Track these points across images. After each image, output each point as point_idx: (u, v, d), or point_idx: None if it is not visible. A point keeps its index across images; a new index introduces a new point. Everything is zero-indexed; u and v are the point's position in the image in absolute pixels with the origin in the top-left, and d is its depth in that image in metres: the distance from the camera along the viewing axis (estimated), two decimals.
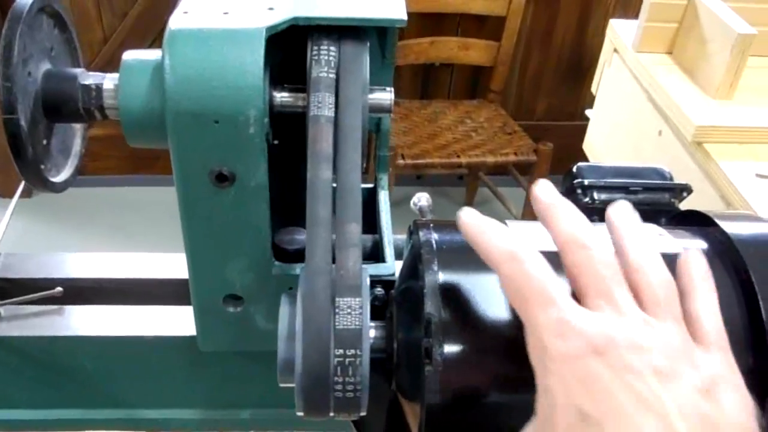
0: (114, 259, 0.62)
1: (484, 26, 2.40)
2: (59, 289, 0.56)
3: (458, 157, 2.17)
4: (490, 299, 0.37)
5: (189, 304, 0.50)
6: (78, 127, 0.53)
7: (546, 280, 0.32)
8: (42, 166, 0.46)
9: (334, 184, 0.42)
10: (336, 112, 0.43)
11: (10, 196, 0.63)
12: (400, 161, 2.12)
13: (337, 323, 0.37)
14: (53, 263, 0.61)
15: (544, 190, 0.36)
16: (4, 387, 0.57)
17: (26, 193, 0.54)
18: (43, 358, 0.55)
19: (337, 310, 0.38)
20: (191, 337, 0.53)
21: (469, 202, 2.67)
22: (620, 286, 0.33)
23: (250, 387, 0.58)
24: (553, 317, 0.31)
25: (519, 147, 2.22)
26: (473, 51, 2.36)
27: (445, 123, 2.34)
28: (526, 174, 2.31)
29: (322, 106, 0.43)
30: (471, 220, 0.36)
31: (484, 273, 0.37)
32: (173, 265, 0.61)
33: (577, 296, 0.34)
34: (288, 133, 0.49)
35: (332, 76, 0.43)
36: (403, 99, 2.44)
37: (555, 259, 0.35)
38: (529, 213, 2.26)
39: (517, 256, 0.33)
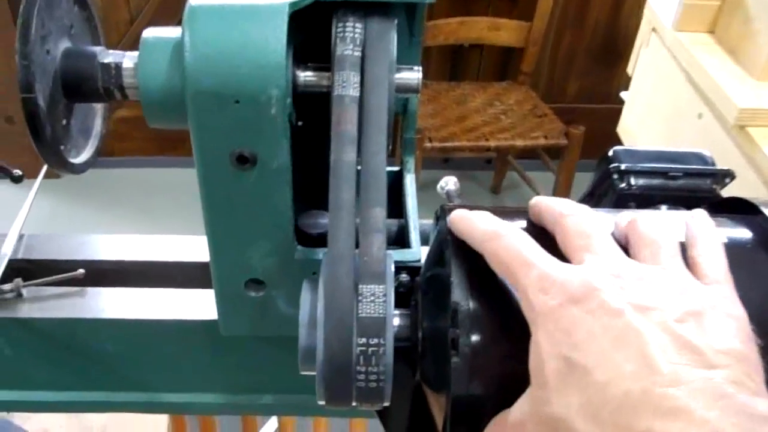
0: (136, 242, 0.61)
1: (516, 6, 2.36)
2: (81, 270, 0.55)
3: (487, 140, 2.14)
4: None
5: (211, 287, 0.50)
6: (99, 107, 0.52)
7: (524, 248, 0.34)
8: (62, 147, 0.45)
9: (359, 167, 0.40)
10: (361, 92, 0.41)
11: (35, 177, 0.62)
12: (428, 144, 2.10)
13: (360, 311, 0.36)
14: (75, 245, 0.60)
15: (536, 200, 0.39)
16: (26, 368, 0.57)
17: (53, 174, 0.54)
18: (64, 339, 0.55)
19: (360, 298, 0.36)
20: (213, 321, 0.52)
21: (497, 186, 2.64)
22: (602, 239, 0.35)
23: (271, 372, 0.57)
24: (535, 275, 0.33)
25: (549, 130, 2.19)
26: (504, 31, 2.32)
27: (473, 105, 2.31)
28: (557, 158, 2.27)
29: (346, 85, 0.41)
30: (457, 214, 0.38)
31: None
32: (196, 248, 0.60)
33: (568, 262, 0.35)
34: (312, 114, 0.48)
35: (357, 54, 0.42)
36: (431, 81, 2.41)
37: None
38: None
39: (496, 234, 0.35)
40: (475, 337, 0.34)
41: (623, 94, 1.59)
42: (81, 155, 0.49)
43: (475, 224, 0.37)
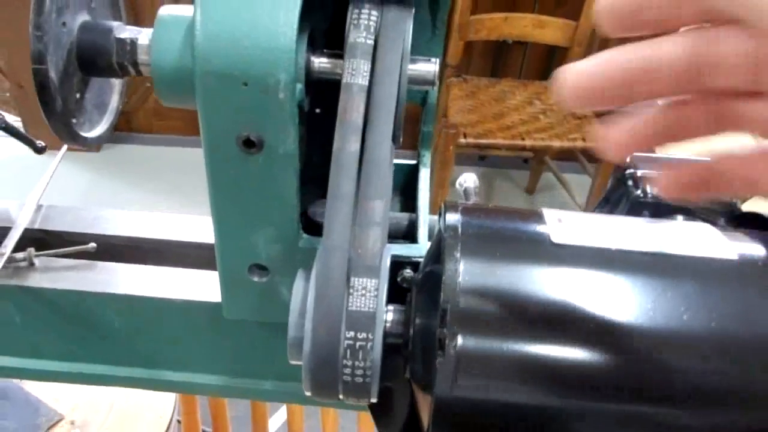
0: (151, 219, 0.62)
1: (562, 4, 2.31)
2: (92, 244, 0.56)
3: (523, 139, 2.11)
4: (513, 292, 0.34)
5: None
6: (117, 83, 0.52)
7: None
8: (73, 120, 0.45)
9: None
10: (371, 81, 0.41)
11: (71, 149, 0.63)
12: (462, 140, 2.08)
13: (350, 304, 0.36)
14: (91, 218, 0.61)
15: None
16: (34, 337, 0.57)
17: (95, 147, 0.54)
18: (72, 311, 0.56)
19: (351, 291, 0.36)
20: (217, 304, 0.52)
21: (532, 187, 2.61)
22: None
23: (273, 358, 0.57)
24: None
25: (588, 132, 2.15)
26: (549, 29, 2.28)
27: (513, 103, 2.28)
28: (595, 161, 2.23)
29: (356, 73, 0.40)
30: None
31: (509, 263, 0.35)
32: (211, 229, 0.60)
33: None
34: (330, 102, 0.47)
35: (370, 42, 0.41)
36: (471, 76, 2.39)
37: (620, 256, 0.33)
38: (593, 203, 2.19)
39: None
40: (461, 339, 0.33)
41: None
42: (95, 129, 0.49)
43: None
